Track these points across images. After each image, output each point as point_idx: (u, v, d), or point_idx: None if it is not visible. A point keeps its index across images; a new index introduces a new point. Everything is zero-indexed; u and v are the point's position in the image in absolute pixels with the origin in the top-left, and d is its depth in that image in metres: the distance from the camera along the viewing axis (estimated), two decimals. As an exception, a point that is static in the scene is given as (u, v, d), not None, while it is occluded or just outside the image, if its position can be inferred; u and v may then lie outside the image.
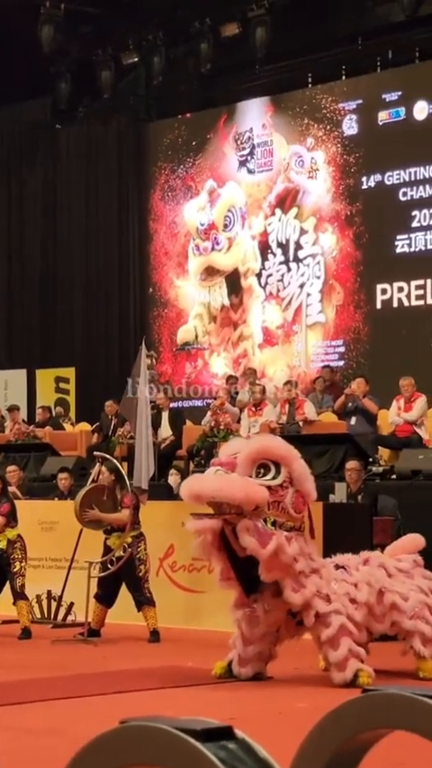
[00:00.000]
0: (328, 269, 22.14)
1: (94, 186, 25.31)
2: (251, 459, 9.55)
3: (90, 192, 25.33)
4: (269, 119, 23.03)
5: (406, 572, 10.35)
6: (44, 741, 6.86)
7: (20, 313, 25.62)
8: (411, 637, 10.07)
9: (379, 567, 10.20)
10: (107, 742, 1.42)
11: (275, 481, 9.52)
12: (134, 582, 12.58)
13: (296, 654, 10.53)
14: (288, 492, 9.59)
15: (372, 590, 9.93)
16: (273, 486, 9.51)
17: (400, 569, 10.33)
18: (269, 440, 10.16)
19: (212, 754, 1.34)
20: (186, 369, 24.09)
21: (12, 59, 23.34)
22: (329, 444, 16.00)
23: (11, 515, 13.16)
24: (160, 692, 9.53)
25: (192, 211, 24.23)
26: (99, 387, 23.25)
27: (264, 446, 9.73)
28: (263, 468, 9.58)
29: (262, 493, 9.42)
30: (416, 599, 10.09)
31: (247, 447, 9.72)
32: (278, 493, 9.54)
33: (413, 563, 10.50)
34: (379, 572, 10.14)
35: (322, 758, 1.60)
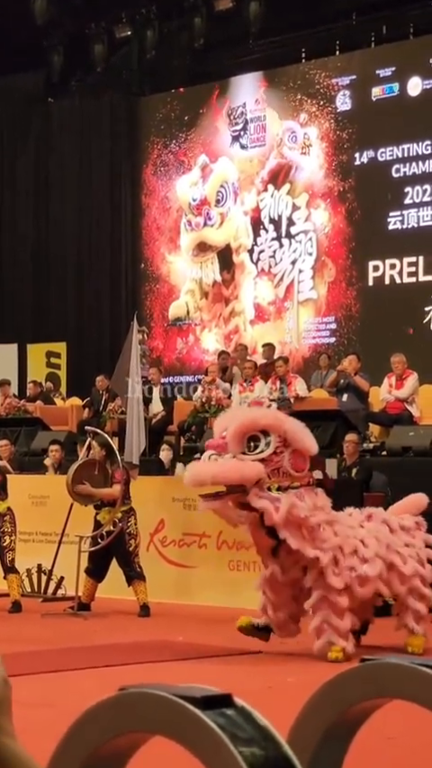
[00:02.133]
0: (320, 245, 22.11)
1: (87, 161, 25.23)
2: (239, 435, 9.59)
3: (82, 167, 25.25)
4: (262, 94, 22.95)
5: (408, 529, 10.39)
6: (35, 713, 6.87)
7: (11, 287, 25.55)
8: (405, 613, 10.12)
9: (382, 524, 10.26)
10: (106, 709, 1.41)
11: (267, 451, 9.59)
12: (124, 556, 12.59)
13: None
14: (284, 455, 9.65)
15: (380, 544, 10.00)
16: (266, 457, 9.57)
17: (402, 526, 10.37)
18: (253, 412, 10.12)
19: (212, 721, 1.34)
20: (178, 344, 24.06)
21: (4, 32, 23.19)
22: (321, 421, 15.98)
23: (1, 488, 13.15)
24: (150, 665, 9.55)
25: (184, 186, 24.17)
26: (90, 362, 23.23)
27: (248, 419, 9.74)
28: (253, 441, 9.63)
29: (256, 468, 9.49)
30: (412, 566, 10.12)
31: (232, 424, 9.73)
32: (273, 460, 9.61)
33: (415, 524, 10.52)
34: (383, 528, 10.20)
35: (320, 728, 1.60)
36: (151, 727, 1.40)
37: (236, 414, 10.22)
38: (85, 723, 1.44)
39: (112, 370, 17.05)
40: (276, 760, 1.36)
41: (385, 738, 6.06)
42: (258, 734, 1.38)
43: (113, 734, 1.43)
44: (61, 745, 1.47)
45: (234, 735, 1.35)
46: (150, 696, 1.38)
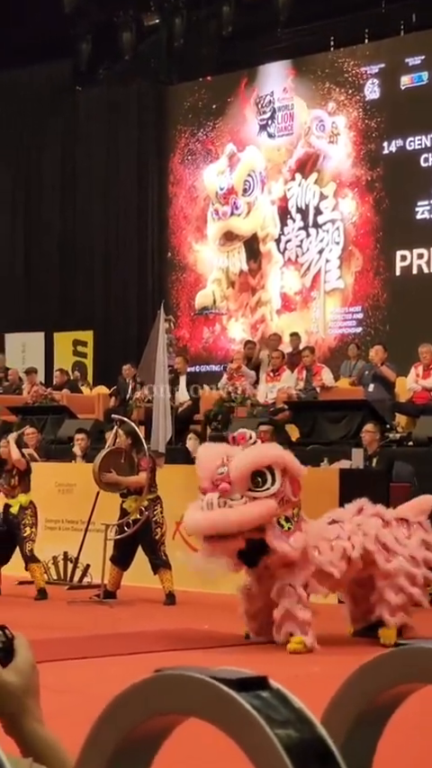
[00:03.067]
0: (347, 235, 22.05)
1: (114, 149, 25.23)
2: (245, 475, 9.71)
3: (110, 155, 25.26)
4: (290, 82, 22.89)
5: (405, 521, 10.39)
6: (62, 699, 6.90)
7: (39, 276, 25.61)
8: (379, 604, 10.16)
9: (374, 517, 10.29)
10: (141, 690, 1.41)
11: (276, 485, 9.75)
12: (150, 545, 12.61)
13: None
14: (285, 485, 9.85)
15: (368, 537, 10.08)
16: (275, 491, 9.74)
17: (399, 519, 10.38)
18: (255, 451, 10.10)
19: (247, 702, 1.34)
20: (204, 334, 24.06)
21: (33, 20, 23.21)
22: (347, 410, 16.01)
23: (25, 480, 13.15)
24: (176, 653, 9.57)
25: (211, 175, 24.14)
26: (117, 350, 23.26)
27: (254, 459, 9.85)
28: (259, 477, 9.76)
29: (273, 506, 9.66)
30: (397, 564, 10.12)
31: (237, 466, 9.74)
32: (280, 493, 9.79)
33: (417, 523, 10.51)
34: (373, 520, 10.24)
35: (353, 712, 1.59)
36: (186, 709, 1.40)
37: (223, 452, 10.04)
38: (119, 705, 1.44)
39: (139, 358, 17.09)
40: (312, 742, 1.36)
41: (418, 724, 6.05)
42: (294, 716, 1.37)
43: (148, 715, 1.43)
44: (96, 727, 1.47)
45: (269, 717, 1.35)
46: (186, 678, 1.38)
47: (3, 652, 1.89)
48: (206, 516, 9.71)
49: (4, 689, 1.87)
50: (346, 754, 1.43)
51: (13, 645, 1.91)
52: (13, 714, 1.88)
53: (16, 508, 13.10)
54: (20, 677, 1.89)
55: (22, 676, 1.89)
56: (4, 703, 1.88)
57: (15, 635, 1.91)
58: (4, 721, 1.89)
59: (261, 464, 9.76)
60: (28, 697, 1.89)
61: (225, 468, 9.73)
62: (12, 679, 1.88)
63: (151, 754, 1.54)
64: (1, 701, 1.88)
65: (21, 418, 18.59)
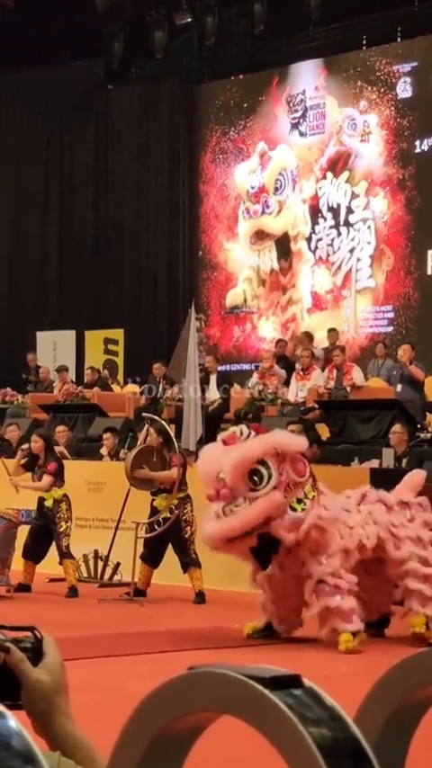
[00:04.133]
0: (378, 234, 22.00)
1: (146, 148, 25.26)
2: (239, 477, 9.56)
3: (141, 154, 25.29)
4: (322, 81, 22.86)
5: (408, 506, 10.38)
6: (93, 696, 6.93)
7: (70, 275, 25.68)
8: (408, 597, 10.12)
9: (378, 503, 10.26)
10: (175, 688, 1.42)
11: (273, 479, 9.58)
12: (180, 543, 12.62)
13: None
14: (286, 470, 9.68)
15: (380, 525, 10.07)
16: (276, 484, 9.58)
17: (401, 502, 10.36)
18: (240, 450, 9.79)
19: (280, 701, 1.34)
20: (235, 332, 24.06)
21: (65, 20, 23.29)
22: (377, 410, 15.97)
23: (58, 474, 13.20)
24: (205, 652, 9.58)
25: (243, 174, 24.14)
26: (148, 348, 23.30)
27: (241, 460, 9.62)
28: (254, 475, 9.60)
29: (276, 499, 9.51)
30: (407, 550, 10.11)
31: (227, 471, 9.60)
32: (282, 482, 9.63)
33: (418, 504, 10.51)
34: (378, 507, 10.22)
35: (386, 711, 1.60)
36: (220, 707, 1.41)
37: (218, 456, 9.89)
38: (153, 702, 1.45)
39: (170, 357, 17.12)
40: (345, 741, 1.36)
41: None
42: (327, 714, 1.38)
43: (182, 713, 1.44)
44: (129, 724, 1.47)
45: (303, 715, 1.35)
46: (219, 675, 1.39)
47: (33, 652, 1.93)
48: (213, 529, 9.68)
49: (34, 688, 1.91)
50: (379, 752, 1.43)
51: (43, 645, 1.95)
52: (44, 712, 1.92)
53: (50, 502, 13.14)
54: (50, 676, 1.93)
55: (52, 675, 1.94)
56: (34, 702, 1.92)
57: (44, 636, 1.95)
58: (35, 720, 1.93)
59: (251, 462, 9.59)
60: (58, 695, 1.93)
61: (223, 473, 9.64)
62: (42, 678, 1.92)
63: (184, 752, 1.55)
64: (32, 699, 1.92)
65: (52, 416, 18.65)
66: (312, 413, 16.84)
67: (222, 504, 9.60)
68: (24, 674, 1.91)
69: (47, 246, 25.94)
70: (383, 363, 18.66)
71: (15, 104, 25.88)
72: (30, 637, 1.95)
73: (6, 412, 19.84)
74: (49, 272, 25.87)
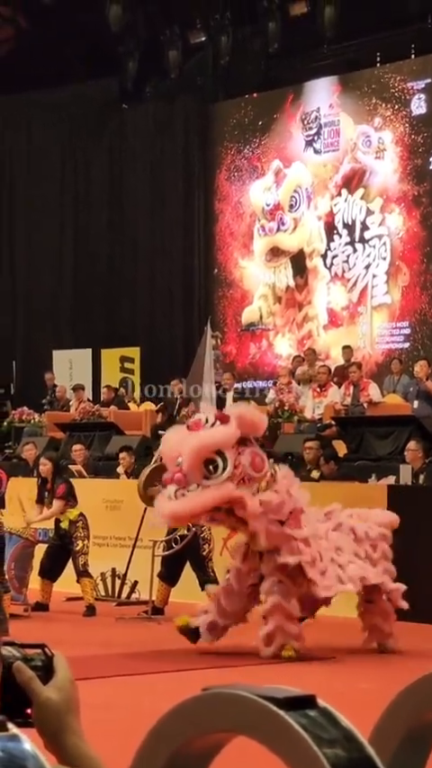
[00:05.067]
0: (394, 250, 22.00)
1: (160, 166, 25.32)
2: (195, 464, 9.69)
3: (156, 172, 25.35)
4: (336, 98, 22.89)
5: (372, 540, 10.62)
6: (109, 715, 6.92)
7: (86, 293, 25.73)
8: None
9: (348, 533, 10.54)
10: (190, 708, 1.42)
11: (226, 473, 9.68)
12: (198, 561, 12.59)
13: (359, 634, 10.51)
14: (242, 464, 9.77)
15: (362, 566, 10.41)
16: (229, 475, 9.69)
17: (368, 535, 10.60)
18: (199, 437, 9.90)
19: (295, 721, 1.34)
20: (251, 349, 24.07)
21: (80, 39, 23.40)
22: (394, 426, 15.93)
23: (68, 495, 13.18)
24: (223, 670, 9.56)
25: (257, 192, 24.17)
26: (164, 367, 23.30)
27: (198, 447, 9.75)
28: (210, 464, 9.71)
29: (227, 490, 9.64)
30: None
31: (185, 457, 9.76)
32: (236, 474, 9.74)
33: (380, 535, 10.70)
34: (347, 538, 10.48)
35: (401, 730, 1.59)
36: (234, 727, 1.41)
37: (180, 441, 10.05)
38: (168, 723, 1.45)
39: (186, 375, 17.12)
40: (360, 761, 1.36)
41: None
42: (341, 735, 1.38)
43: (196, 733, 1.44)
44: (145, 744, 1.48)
45: (317, 736, 1.35)
46: (233, 696, 1.39)
47: (43, 670, 1.92)
48: (164, 507, 9.92)
49: (45, 706, 1.90)
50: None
51: (53, 663, 1.94)
52: (55, 731, 1.91)
53: (66, 523, 13.14)
54: (60, 694, 1.92)
55: (63, 693, 1.92)
56: (45, 721, 1.90)
57: (55, 653, 1.94)
58: (46, 738, 1.92)
59: (208, 451, 9.71)
60: (69, 714, 1.92)
61: (181, 458, 9.81)
62: (53, 696, 1.91)
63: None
64: (43, 718, 1.90)
65: (68, 435, 18.67)
66: (329, 429, 16.82)
67: (174, 487, 9.77)
68: (35, 692, 1.90)
69: (62, 265, 26.00)
70: (399, 379, 18.64)
71: (31, 123, 25.99)
72: (40, 654, 1.94)
73: (23, 431, 19.86)
74: (65, 290, 25.92)
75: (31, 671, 1.91)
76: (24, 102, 25.56)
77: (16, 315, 25.92)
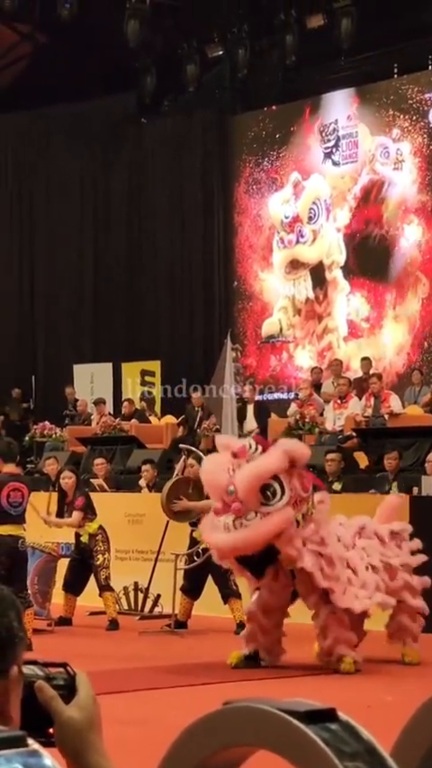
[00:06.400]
0: (413, 261, 21.96)
1: (179, 180, 25.37)
2: (253, 492, 9.67)
3: (175, 186, 25.40)
4: (354, 110, 22.90)
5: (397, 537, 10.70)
6: (133, 730, 6.91)
7: (106, 307, 25.77)
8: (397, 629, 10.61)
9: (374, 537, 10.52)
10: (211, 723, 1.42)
11: (284, 499, 9.70)
12: (220, 574, 12.57)
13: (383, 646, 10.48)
14: (295, 486, 9.78)
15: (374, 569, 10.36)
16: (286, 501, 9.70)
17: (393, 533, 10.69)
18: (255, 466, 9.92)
19: (316, 735, 1.34)
20: (271, 362, 24.06)
21: (98, 54, 23.47)
22: (416, 437, 15.91)
23: (87, 508, 13.18)
24: (247, 683, 9.54)
25: (276, 204, 24.19)
26: (185, 380, 23.29)
27: (257, 475, 9.76)
28: (268, 490, 9.72)
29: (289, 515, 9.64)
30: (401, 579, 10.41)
31: (242, 483, 9.73)
32: (292, 498, 9.75)
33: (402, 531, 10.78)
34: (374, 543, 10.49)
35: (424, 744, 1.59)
36: (255, 741, 1.41)
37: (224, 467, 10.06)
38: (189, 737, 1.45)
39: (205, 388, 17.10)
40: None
41: None
42: (363, 748, 1.37)
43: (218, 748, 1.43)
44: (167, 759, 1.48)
45: (339, 749, 1.35)
46: (254, 710, 1.39)
47: (65, 689, 1.92)
48: (226, 540, 9.81)
49: (67, 725, 1.89)
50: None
51: (75, 682, 1.93)
52: (77, 750, 1.90)
53: (86, 537, 13.16)
54: (83, 713, 1.91)
55: (85, 712, 1.91)
56: (67, 739, 1.90)
57: (77, 672, 1.94)
58: (68, 758, 1.91)
59: (265, 478, 9.72)
60: (91, 732, 1.91)
61: (233, 486, 9.76)
62: (75, 715, 1.90)
63: (222, 787, 1.55)
64: (65, 737, 1.90)
65: (90, 449, 18.69)
66: (350, 441, 16.79)
67: (233, 517, 9.70)
68: (57, 711, 1.90)
69: (82, 278, 26.06)
70: (420, 390, 18.60)
71: (49, 139, 26.07)
72: (62, 673, 1.94)
73: (45, 445, 19.90)
74: (85, 304, 25.97)
75: (52, 690, 1.90)
76: (43, 118, 25.65)
77: (36, 329, 25.98)
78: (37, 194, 26.18)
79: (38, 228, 26.04)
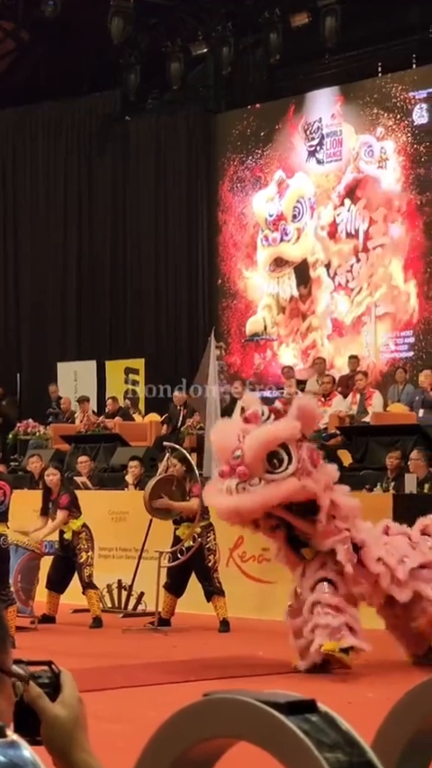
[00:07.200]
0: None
1: (163, 178, 25.36)
2: (259, 457, 9.54)
3: (159, 184, 25.39)
4: (338, 108, 22.92)
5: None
6: (114, 727, 6.91)
7: (90, 305, 25.74)
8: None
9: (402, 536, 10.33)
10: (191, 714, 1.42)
11: (291, 468, 9.54)
12: (204, 572, 12.59)
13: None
14: (303, 458, 9.62)
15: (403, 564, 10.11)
16: (293, 470, 9.54)
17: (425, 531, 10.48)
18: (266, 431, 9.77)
19: (296, 726, 1.34)
20: (255, 360, 24.07)
21: (82, 52, 23.45)
22: (399, 435, 15.92)
23: (72, 506, 13.18)
24: (230, 681, 9.54)
25: (260, 202, 24.19)
26: (168, 377, 23.30)
27: (265, 440, 9.61)
28: (275, 458, 9.59)
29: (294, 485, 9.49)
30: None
31: (248, 449, 9.60)
32: (299, 468, 9.57)
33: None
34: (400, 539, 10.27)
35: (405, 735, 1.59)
36: (236, 733, 1.41)
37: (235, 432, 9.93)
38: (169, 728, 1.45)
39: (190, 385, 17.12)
40: (361, 766, 1.36)
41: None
42: (343, 739, 1.38)
43: (198, 739, 1.44)
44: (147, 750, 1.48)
45: (319, 740, 1.35)
46: (235, 702, 1.39)
47: (50, 687, 1.92)
48: (228, 502, 9.66)
49: (53, 723, 1.90)
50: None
51: (60, 680, 1.93)
52: (63, 748, 1.90)
53: (69, 534, 13.15)
54: (68, 711, 1.91)
55: (71, 710, 1.92)
56: (54, 737, 1.90)
57: (61, 670, 1.94)
58: (55, 755, 1.91)
59: (274, 445, 9.58)
60: (77, 730, 1.91)
61: (240, 451, 9.61)
62: (61, 713, 1.91)
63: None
64: (51, 735, 1.90)
65: (74, 446, 18.67)
66: (334, 439, 16.81)
67: (237, 481, 9.57)
68: (43, 709, 1.90)
69: (66, 276, 26.00)
70: (404, 389, 18.63)
71: (33, 136, 26.02)
72: (47, 671, 1.93)
73: (29, 443, 19.87)
74: (69, 302, 25.92)
75: (38, 688, 1.90)
76: (27, 116, 25.61)
77: (20, 327, 25.93)
78: (21, 192, 26.12)
79: (21, 227, 25.99)
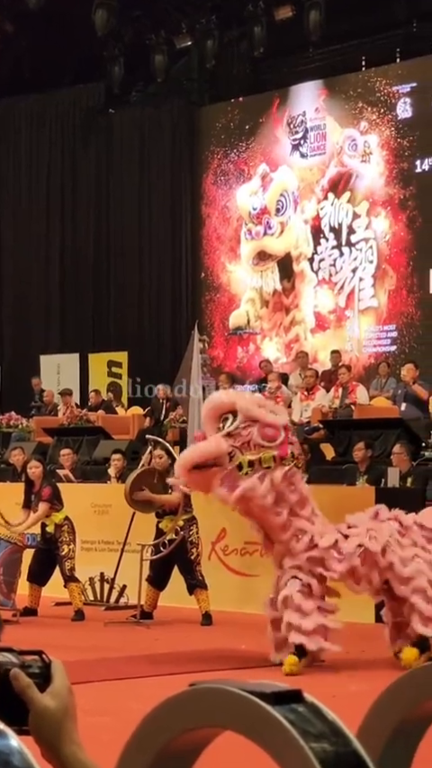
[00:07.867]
0: (380, 253, 22.02)
1: (147, 170, 25.33)
2: (211, 417, 10.08)
3: (143, 177, 25.36)
4: (322, 102, 22.92)
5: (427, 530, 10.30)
6: (97, 720, 6.91)
7: (73, 298, 25.71)
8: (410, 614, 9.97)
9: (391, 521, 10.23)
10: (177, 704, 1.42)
11: (232, 426, 9.86)
12: (186, 565, 12.59)
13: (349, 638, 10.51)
14: (253, 429, 9.83)
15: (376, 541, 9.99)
16: (232, 431, 9.83)
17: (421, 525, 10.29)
18: (219, 396, 10.72)
19: (282, 716, 1.34)
20: (238, 353, 24.08)
21: (66, 44, 23.38)
22: (382, 429, 15.95)
23: (54, 498, 13.16)
24: (212, 674, 9.53)
25: (244, 196, 24.19)
26: (151, 371, 23.29)
27: (212, 403, 10.22)
28: (224, 421, 10.00)
29: (217, 443, 9.81)
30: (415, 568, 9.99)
31: (203, 410, 10.47)
32: (242, 435, 9.83)
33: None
34: (387, 525, 10.15)
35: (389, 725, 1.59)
36: (221, 723, 1.40)
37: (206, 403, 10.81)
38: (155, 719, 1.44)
39: (173, 379, 17.13)
40: (347, 755, 1.36)
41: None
42: (328, 729, 1.38)
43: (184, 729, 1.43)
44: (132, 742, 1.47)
45: (304, 730, 1.35)
46: (220, 691, 1.39)
47: (40, 677, 1.90)
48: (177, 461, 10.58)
49: (42, 714, 1.88)
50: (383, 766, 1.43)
51: (50, 670, 1.92)
52: (52, 739, 1.88)
53: (51, 527, 13.13)
54: (58, 701, 1.89)
55: (60, 701, 1.89)
56: (42, 728, 1.88)
57: (52, 660, 1.92)
58: (43, 747, 1.89)
59: (221, 408, 10.01)
60: (66, 721, 1.89)
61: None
62: (50, 704, 1.88)
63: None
64: (40, 726, 1.88)
65: (56, 439, 18.65)
66: (317, 432, 16.83)
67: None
68: (32, 700, 1.87)
69: (49, 269, 25.97)
70: (386, 382, 18.67)
71: (17, 128, 25.97)
72: (37, 661, 1.92)
73: (11, 436, 19.85)
74: (52, 295, 25.89)
75: (27, 678, 1.89)
76: (10, 108, 25.55)
77: (2, 319, 25.89)
78: (4, 183, 26.07)
79: (4, 219, 25.93)
